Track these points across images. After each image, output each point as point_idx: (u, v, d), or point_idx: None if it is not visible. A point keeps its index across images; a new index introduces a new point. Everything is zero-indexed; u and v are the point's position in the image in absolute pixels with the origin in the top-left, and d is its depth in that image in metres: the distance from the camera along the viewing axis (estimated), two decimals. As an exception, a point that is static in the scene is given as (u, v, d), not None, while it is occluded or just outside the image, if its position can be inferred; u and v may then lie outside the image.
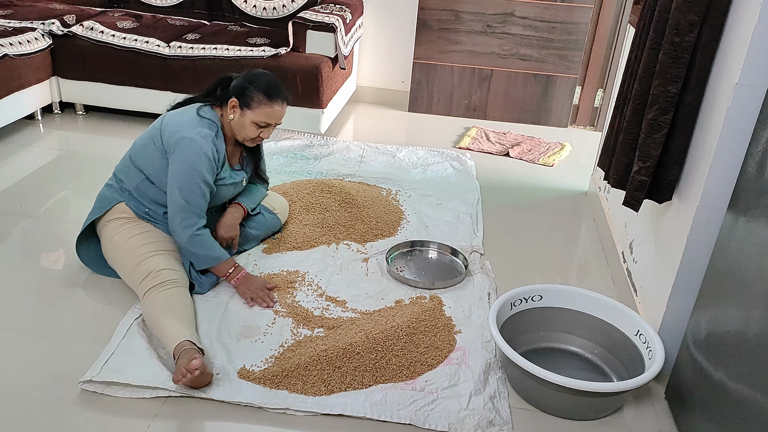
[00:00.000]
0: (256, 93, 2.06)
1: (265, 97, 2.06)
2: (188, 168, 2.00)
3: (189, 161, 2.00)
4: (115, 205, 2.10)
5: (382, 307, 2.12)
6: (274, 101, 2.08)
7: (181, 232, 2.02)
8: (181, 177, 2.01)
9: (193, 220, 2.02)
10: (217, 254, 2.07)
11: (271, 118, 2.09)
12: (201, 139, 2.02)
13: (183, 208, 2.01)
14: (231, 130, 2.13)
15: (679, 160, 1.82)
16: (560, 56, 3.90)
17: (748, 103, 1.57)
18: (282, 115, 2.13)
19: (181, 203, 2.00)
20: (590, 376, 1.90)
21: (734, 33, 1.63)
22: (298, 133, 3.49)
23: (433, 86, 4.05)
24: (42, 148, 3.22)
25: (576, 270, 2.55)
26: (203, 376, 1.68)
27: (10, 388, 1.70)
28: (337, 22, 3.37)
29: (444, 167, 3.28)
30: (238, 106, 2.08)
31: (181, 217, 2.01)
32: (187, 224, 2.01)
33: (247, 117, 2.08)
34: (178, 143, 2.01)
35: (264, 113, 2.08)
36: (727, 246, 1.56)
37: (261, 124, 2.09)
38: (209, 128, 2.06)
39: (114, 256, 2.07)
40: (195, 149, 2.00)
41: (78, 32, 3.41)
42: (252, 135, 2.11)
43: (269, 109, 2.08)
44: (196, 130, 2.03)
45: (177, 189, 2.01)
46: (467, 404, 1.73)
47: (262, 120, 2.08)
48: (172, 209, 2.02)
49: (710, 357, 1.57)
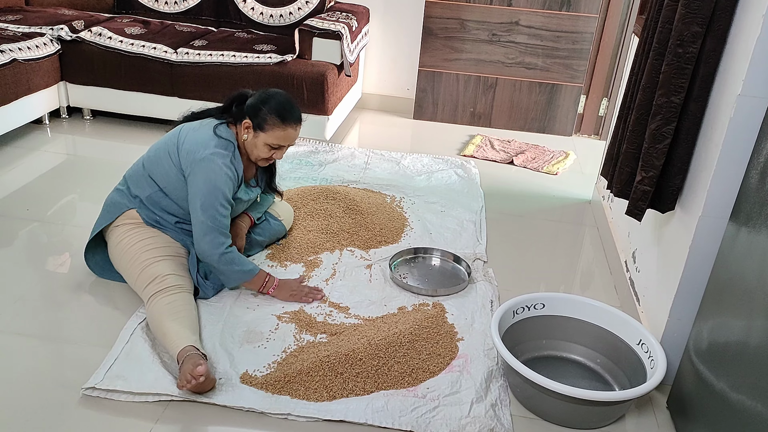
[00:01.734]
0: (270, 115, 2.05)
1: (279, 119, 2.06)
2: (210, 189, 2.01)
3: (210, 182, 2.00)
4: (125, 211, 2.11)
5: (384, 313, 2.12)
6: (288, 124, 2.07)
7: (211, 253, 2.03)
8: (203, 198, 2.01)
9: (221, 239, 2.03)
10: (249, 268, 2.08)
11: (284, 140, 2.09)
12: (219, 159, 2.02)
13: (209, 229, 2.01)
14: (243, 148, 2.14)
15: (682, 170, 1.82)
16: (565, 65, 3.92)
17: (751, 114, 1.58)
18: (295, 137, 2.13)
19: (206, 224, 2.01)
20: (592, 385, 1.90)
21: (737, 44, 1.63)
22: (303, 140, 3.51)
23: (438, 94, 4.06)
24: (49, 152, 3.24)
25: (579, 279, 2.55)
26: (206, 381, 1.69)
27: (14, 391, 1.71)
28: (343, 29, 3.39)
29: (448, 174, 3.29)
30: (252, 127, 2.07)
31: (209, 238, 2.02)
32: (216, 244, 2.02)
33: (260, 138, 2.08)
34: (197, 164, 2.01)
35: (277, 136, 2.07)
36: (729, 256, 1.57)
37: (274, 146, 2.09)
38: (226, 149, 2.06)
39: (120, 260, 2.08)
40: (215, 169, 2.01)
41: (86, 38, 3.44)
42: (264, 156, 2.11)
43: (282, 132, 2.07)
44: (214, 151, 2.02)
45: (200, 210, 2.01)
46: (469, 412, 1.73)
47: (275, 142, 2.08)
48: (198, 231, 2.03)
49: (712, 366, 1.57)
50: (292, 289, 2.13)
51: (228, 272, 2.06)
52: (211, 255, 2.03)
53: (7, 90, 3.09)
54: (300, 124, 2.12)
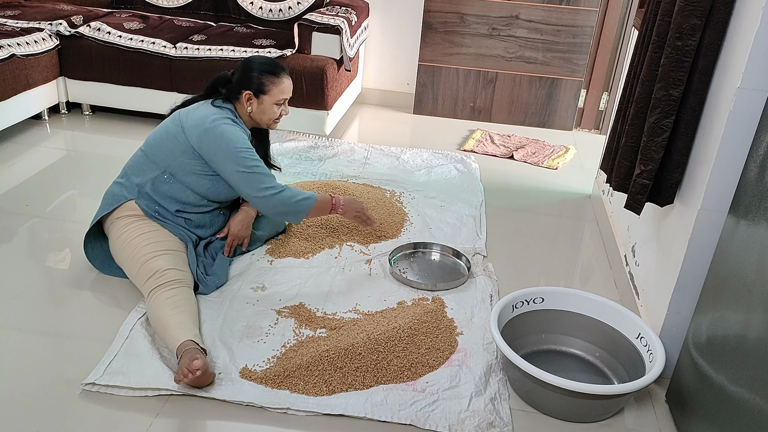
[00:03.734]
0: (263, 77, 2.16)
1: (273, 75, 2.17)
2: (230, 146, 2.07)
3: (226, 140, 2.07)
4: (124, 203, 2.11)
5: (384, 308, 2.13)
6: (281, 77, 2.19)
7: (266, 200, 2.10)
8: (229, 155, 2.07)
9: (269, 182, 2.10)
10: (308, 194, 2.16)
11: (285, 93, 2.21)
12: (223, 123, 2.10)
13: (252, 177, 2.08)
14: (250, 121, 2.23)
15: (681, 164, 1.82)
16: (565, 59, 3.91)
17: (750, 107, 1.58)
18: (291, 88, 2.24)
19: (247, 174, 2.08)
20: (591, 379, 1.90)
21: (736, 37, 1.63)
22: (303, 135, 3.51)
23: (438, 88, 4.06)
24: (49, 147, 3.24)
25: (579, 273, 2.55)
26: (205, 375, 1.69)
27: (15, 386, 1.72)
28: (342, 24, 3.38)
29: (448, 169, 3.28)
30: (253, 95, 2.16)
31: (257, 186, 2.08)
32: (266, 188, 2.09)
33: (266, 102, 2.18)
34: (207, 134, 2.07)
35: (279, 91, 2.19)
36: (728, 249, 1.56)
37: (279, 103, 2.20)
38: (230, 116, 2.15)
39: (121, 254, 2.08)
40: (226, 129, 2.09)
41: (85, 33, 3.43)
42: (275, 116, 2.22)
43: (281, 85, 2.19)
44: (217, 118, 2.10)
45: (234, 166, 2.07)
46: (468, 405, 1.73)
47: (280, 97, 2.19)
48: (243, 186, 2.10)
49: (711, 360, 1.57)
50: (356, 210, 2.26)
51: (290, 209, 2.13)
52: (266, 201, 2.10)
53: (5, 86, 3.09)
54: (288, 75, 2.23)
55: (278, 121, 2.26)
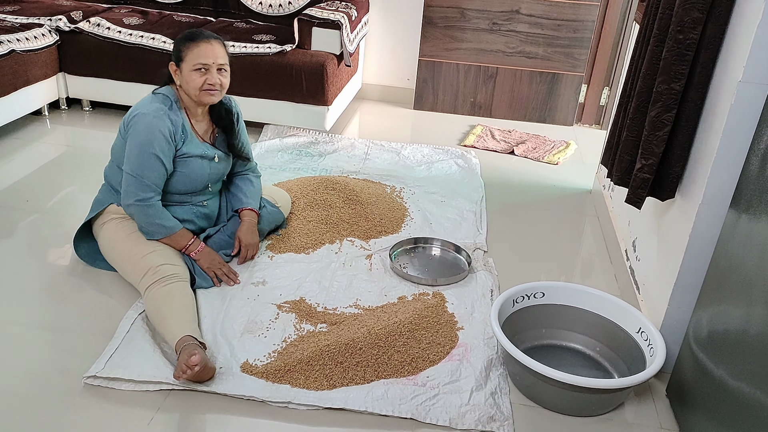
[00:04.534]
0: (181, 44, 2.08)
1: (189, 41, 2.07)
2: (140, 142, 2.03)
3: (140, 135, 2.03)
4: (107, 206, 2.15)
5: (384, 303, 2.13)
6: (198, 41, 2.06)
7: (132, 204, 2.04)
8: (133, 151, 2.03)
9: (146, 193, 2.04)
10: (170, 224, 2.08)
11: (202, 57, 2.06)
12: (152, 113, 2.04)
13: (135, 181, 2.03)
14: (188, 98, 2.13)
15: (682, 158, 1.82)
16: (566, 54, 3.90)
17: (752, 101, 1.57)
18: (214, 53, 2.08)
19: (132, 176, 2.03)
20: (592, 373, 1.90)
21: (738, 30, 1.62)
22: (303, 130, 3.50)
23: (439, 84, 4.05)
24: (49, 143, 3.24)
25: (580, 268, 2.55)
26: (205, 370, 1.69)
27: (16, 380, 1.72)
28: (342, 19, 3.37)
29: (448, 165, 3.28)
30: (176, 65, 2.09)
31: (133, 188, 2.03)
32: (139, 196, 2.03)
33: (185, 69, 2.07)
34: (132, 121, 2.05)
35: (194, 55, 2.05)
36: (728, 244, 1.56)
37: (198, 68, 2.06)
38: (162, 102, 2.09)
39: (113, 257, 2.11)
40: (146, 123, 2.03)
41: (85, 28, 3.43)
42: (198, 84, 2.06)
43: (196, 49, 2.06)
44: (148, 107, 2.06)
45: (129, 163, 2.04)
46: (468, 400, 1.73)
47: (196, 63, 2.05)
48: (125, 183, 2.05)
49: (711, 354, 1.57)
50: (212, 263, 2.12)
51: (147, 225, 2.06)
52: (132, 206, 2.04)
53: (5, 81, 3.08)
54: (214, 41, 2.09)
55: (210, 92, 2.08)
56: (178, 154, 2.10)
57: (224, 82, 2.12)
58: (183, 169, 2.12)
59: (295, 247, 2.38)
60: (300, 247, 2.39)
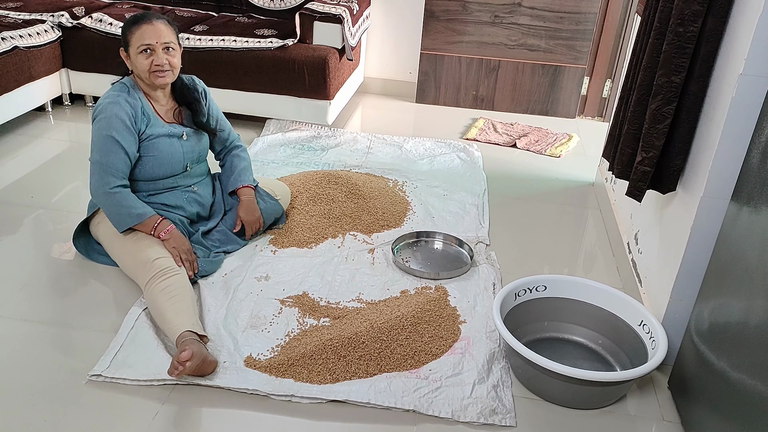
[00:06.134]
0: (126, 28, 2.08)
1: (132, 25, 2.07)
2: (98, 128, 2.05)
3: (99, 122, 2.06)
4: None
5: (387, 297, 2.14)
6: (141, 23, 2.06)
7: (98, 192, 2.06)
8: (94, 138, 2.07)
9: (110, 179, 2.05)
10: (139, 211, 2.07)
11: (146, 38, 2.04)
12: (108, 100, 2.07)
13: (99, 168, 2.05)
14: (142, 82, 2.13)
15: (683, 151, 1.82)
16: (568, 46, 3.89)
17: (752, 93, 1.57)
18: (157, 33, 2.06)
19: (96, 164, 2.06)
20: (594, 366, 1.91)
21: (739, 23, 1.62)
22: (305, 125, 3.51)
23: (441, 77, 4.04)
24: (52, 139, 3.25)
25: (582, 261, 2.55)
26: (207, 364, 1.71)
27: (21, 376, 1.74)
28: (344, 13, 3.37)
29: (451, 158, 3.28)
30: (125, 51, 2.10)
31: (98, 176, 2.05)
32: (103, 183, 2.05)
33: (132, 53, 2.07)
34: (93, 114, 2.08)
35: (137, 38, 2.05)
36: (730, 236, 1.56)
37: (142, 49, 2.05)
38: (118, 90, 2.11)
39: (115, 254, 2.14)
40: (102, 109, 2.06)
41: (87, 24, 3.43)
42: (146, 66, 2.06)
43: (138, 31, 2.05)
44: (105, 97, 2.09)
45: (93, 152, 2.07)
46: (471, 392, 1.75)
47: (140, 45, 2.04)
48: (91, 175, 2.07)
49: (713, 347, 1.58)
50: (179, 247, 2.08)
51: (116, 214, 2.06)
52: (98, 194, 2.06)
53: (8, 78, 3.09)
54: (156, 20, 2.08)
55: (160, 74, 2.07)
56: (143, 137, 2.11)
57: (173, 61, 2.11)
58: (153, 152, 2.13)
59: (298, 242, 2.39)
60: (303, 242, 2.40)
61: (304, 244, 2.39)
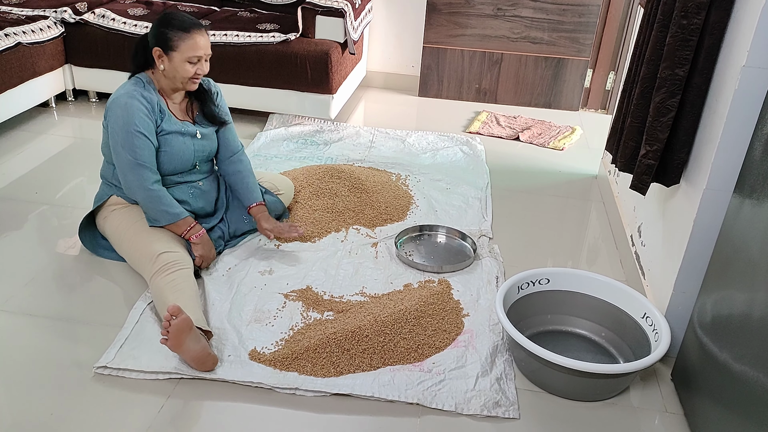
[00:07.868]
0: (171, 32, 2.03)
1: (183, 31, 2.04)
2: (121, 124, 2.03)
3: (120, 118, 2.03)
4: (107, 198, 2.19)
5: (390, 290, 2.14)
6: (193, 32, 2.05)
7: (137, 188, 2.06)
8: (119, 135, 2.04)
9: (147, 174, 2.05)
10: (176, 210, 2.10)
11: (198, 49, 2.06)
12: (125, 95, 2.05)
13: (132, 164, 2.04)
14: (168, 82, 2.12)
15: (687, 143, 1.82)
16: (571, 39, 3.88)
17: (756, 85, 1.57)
18: (206, 44, 2.09)
19: (128, 160, 2.04)
20: (597, 358, 1.92)
21: (742, 15, 1.62)
22: (308, 119, 3.51)
23: (443, 71, 4.04)
24: (56, 135, 3.26)
25: (585, 254, 2.55)
26: (208, 359, 1.73)
27: (28, 369, 1.75)
28: (346, 7, 3.36)
29: (454, 152, 3.28)
30: (163, 52, 2.06)
31: (134, 174, 2.05)
32: (142, 179, 2.05)
33: (175, 59, 2.05)
34: (108, 111, 2.07)
35: (189, 47, 2.04)
36: (733, 229, 1.57)
37: (192, 60, 2.06)
38: (134, 85, 2.09)
39: (122, 248, 2.15)
40: (121, 105, 2.04)
41: (90, 20, 3.43)
42: (188, 74, 2.08)
43: (192, 41, 2.04)
44: (120, 92, 2.07)
45: (120, 148, 2.04)
46: (474, 385, 1.75)
47: (191, 55, 2.05)
48: (122, 170, 2.06)
49: (716, 339, 1.58)
50: (203, 251, 2.13)
51: (154, 210, 2.07)
52: (138, 191, 2.06)
53: (12, 74, 3.10)
54: (204, 31, 2.09)
55: (195, 81, 2.11)
56: (159, 131, 2.11)
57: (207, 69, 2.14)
58: (165, 147, 2.13)
59: (301, 236, 2.40)
60: (306, 236, 2.40)
61: (308, 239, 2.40)
